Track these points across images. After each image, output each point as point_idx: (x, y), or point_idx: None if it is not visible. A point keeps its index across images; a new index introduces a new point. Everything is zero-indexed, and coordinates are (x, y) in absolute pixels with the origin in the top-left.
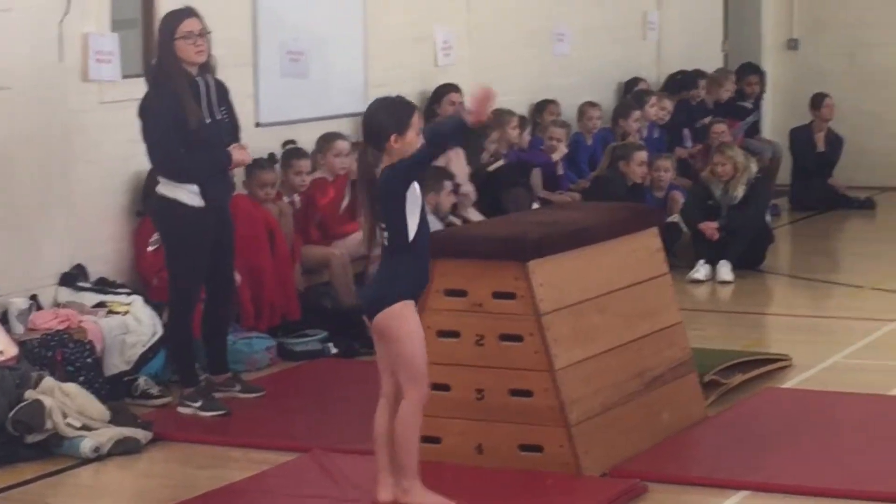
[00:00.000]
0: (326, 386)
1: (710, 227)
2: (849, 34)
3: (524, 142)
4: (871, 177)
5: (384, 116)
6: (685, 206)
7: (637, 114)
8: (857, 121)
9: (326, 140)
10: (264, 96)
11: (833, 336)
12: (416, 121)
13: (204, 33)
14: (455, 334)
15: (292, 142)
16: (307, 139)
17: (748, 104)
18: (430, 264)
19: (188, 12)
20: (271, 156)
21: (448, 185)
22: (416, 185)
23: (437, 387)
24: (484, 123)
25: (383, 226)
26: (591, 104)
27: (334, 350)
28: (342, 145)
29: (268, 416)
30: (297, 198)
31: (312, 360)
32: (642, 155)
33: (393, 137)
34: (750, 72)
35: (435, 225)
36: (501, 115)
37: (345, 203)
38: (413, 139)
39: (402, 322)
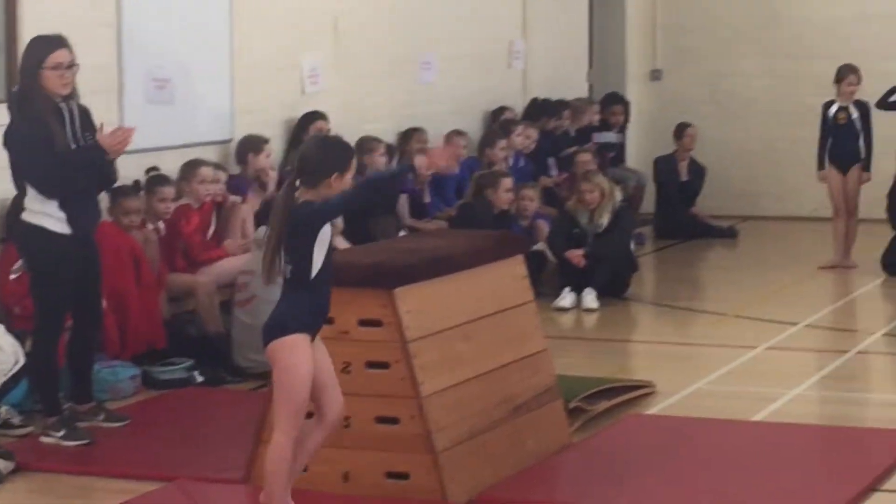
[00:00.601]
0: (192, 414)
1: (576, 255)
2: (711, 65)
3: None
4: (733, 206)
5: (330, 156)
6: (551, 235)
7: (503, 143)
8: (719, 150)
9: (191, 167)
10: (129, 123)
11: (696, 363)
12: (353, 163)
13: (72, 65)
14: None
15: (155, 168)
16: (173, 166)
17: (612, 133)
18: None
19: (59, 42)
20: (136, 183)
21: None
22: (328, 224)
23: None
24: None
25: (287, 258)
26: (458, 132)
27: (200, 378)
28: (207, 172)
29: (133, 445)
30: (161, 225)
31: (178, 389)
32: (508, 182)
33: (334, 177)
34: (614, 101)
35: None
36: (368, 143)
37: (211, 230)
38: (349, 181)
39: (291, 355)
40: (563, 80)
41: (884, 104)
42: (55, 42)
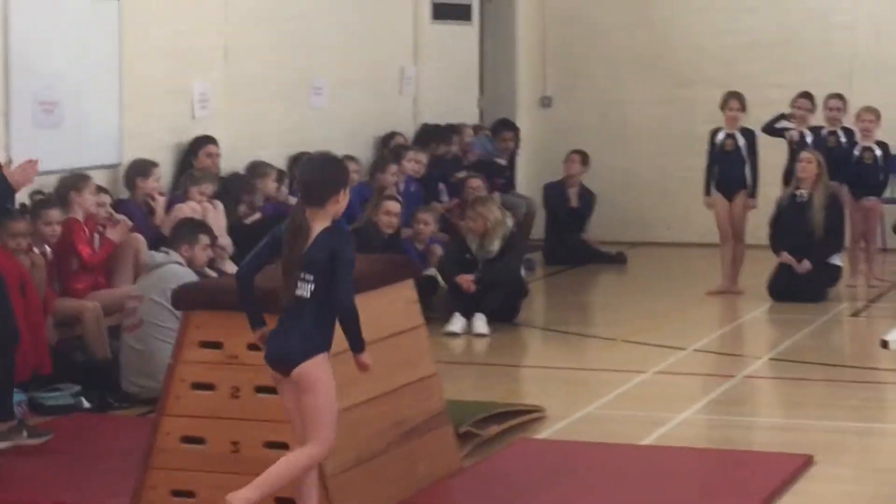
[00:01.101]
0: (79, 441)
1: (466, 280)
2: (601, 92)
3: (282, 195)
4: (622, 232)
5: (333, 175)
6: (442, 260)
7: (394, 168)
8: (609, 177)
9: (82, 178)
10: (16, 147)
11: (586, 387)
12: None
13: None
14: (210, 387)
15: (40, 192)
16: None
17: (502, 160)
18: (193, 316)
19: None
20: (23, 206)
21: (204, 238)
22: None
23: (191, 440)
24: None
25: (310, 277)
26: (349, 158)
27: (87, 404)
28: (93, 186)
29: (19, 471)
30: (48, 249)
31: (65, 415)
32: (390, 205)
33: (341, 193)
34: (505, 128)
35: (186, 276)
36: (259, 168)
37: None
38: (348, 194)
39: (323, 374)
40: (453, 106)
41: (770, 129)
42: None
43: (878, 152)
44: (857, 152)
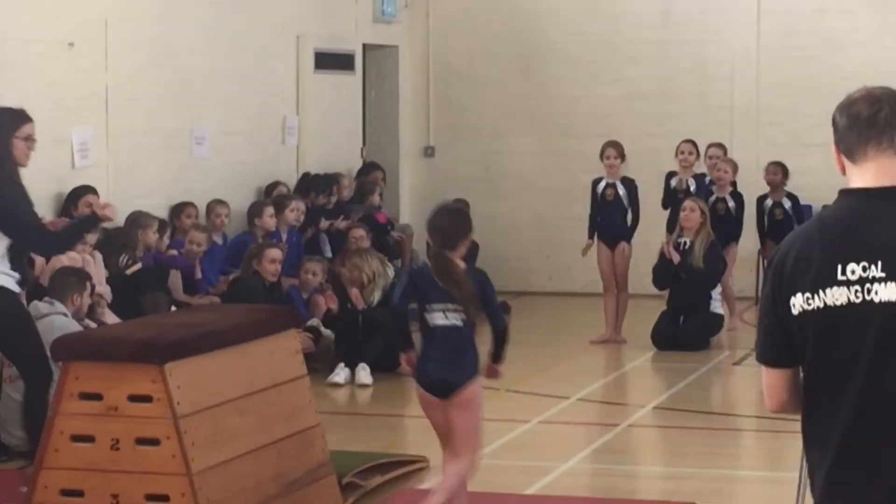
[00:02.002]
0: None
1: None
2: (483, 142)
3: (162, 245)
4: (505, 282)
5: (462, 222)
6: (328, 310)
7: (270, 210)
8: (491, 227)
9: None
10: None
11: None
12: None
13: (34, 139)
14: (90, 439)
15: None
16: None
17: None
18: (72, 367)
19: (28, 116)
20: None
21: (88, 285)
22: None
23: (70, 493)
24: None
25: (462, 308)
26: (219, 202)
27: None
28: None
29: None
30: None
31: None
32: (273, 252)
33: (469, 237)
34: (374, 168)
35: (71, 327)
36: (141, 219)
37: None
38: None
39: (479, 393)
40: (337, 155)
41: (667, 200)
42: (25, 115)
43: (732, 203)
44: (711, 201)
